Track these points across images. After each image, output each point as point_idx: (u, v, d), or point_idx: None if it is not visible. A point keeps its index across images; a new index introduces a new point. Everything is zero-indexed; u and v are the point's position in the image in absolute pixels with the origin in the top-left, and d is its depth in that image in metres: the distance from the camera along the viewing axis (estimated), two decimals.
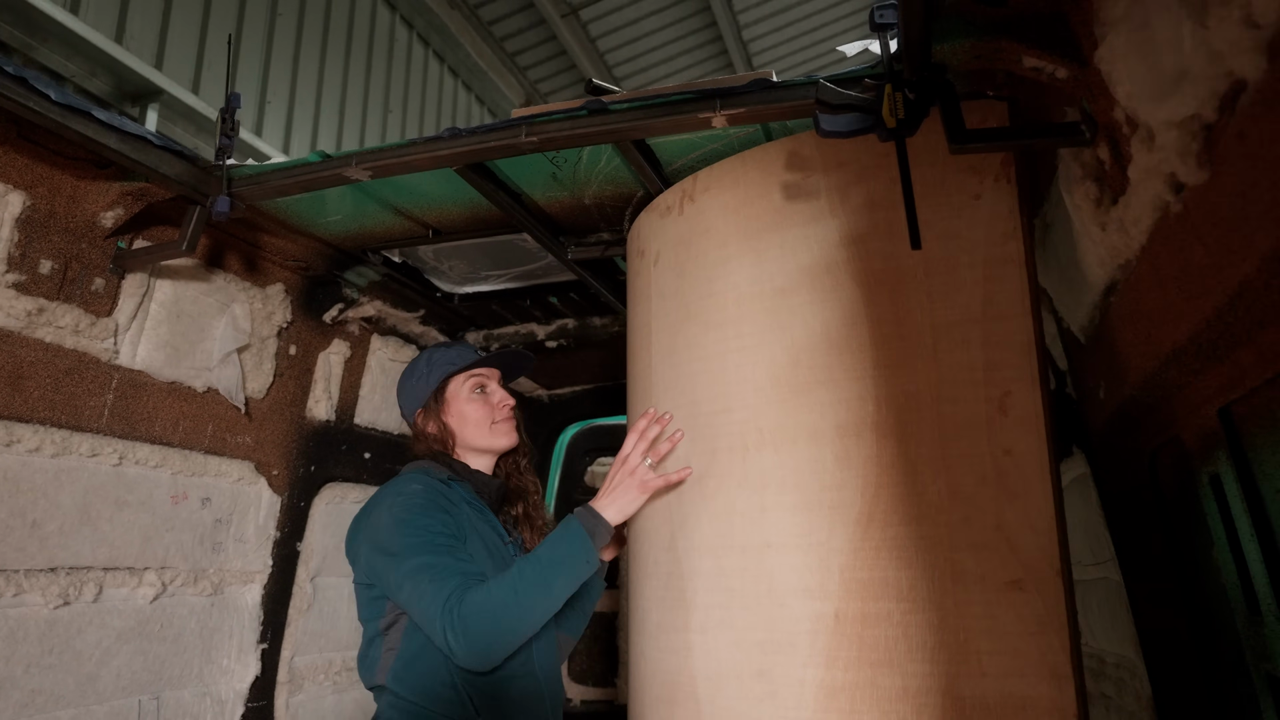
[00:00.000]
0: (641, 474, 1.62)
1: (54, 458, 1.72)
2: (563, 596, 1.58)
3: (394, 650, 1.64)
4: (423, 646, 1.61)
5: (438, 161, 1.61)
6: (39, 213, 1.64)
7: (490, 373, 1.98)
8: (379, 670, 1.65)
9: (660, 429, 1.64)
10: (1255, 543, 1.16)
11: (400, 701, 1.61)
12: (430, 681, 1.60)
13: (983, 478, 1.28)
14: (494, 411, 1.93)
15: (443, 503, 1.70)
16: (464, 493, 1.81)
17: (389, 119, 7.18)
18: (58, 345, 1.71)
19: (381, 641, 1.67)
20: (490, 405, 1.93)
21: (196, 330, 2.02)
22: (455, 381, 1.93)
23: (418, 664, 1.61)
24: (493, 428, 1.91)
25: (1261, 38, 0.70)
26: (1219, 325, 0.98)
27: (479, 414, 1.91)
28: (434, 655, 1.59)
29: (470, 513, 1.76)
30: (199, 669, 2.05)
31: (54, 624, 1.72)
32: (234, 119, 1.69)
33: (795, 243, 1.48)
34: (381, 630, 1.67)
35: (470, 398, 1.92)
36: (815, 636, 1.33)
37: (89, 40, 4.12)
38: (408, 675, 1.61)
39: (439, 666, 1.59)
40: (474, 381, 1.94)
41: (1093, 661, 2.15)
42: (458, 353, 1.96)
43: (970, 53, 1.21)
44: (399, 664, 1.62)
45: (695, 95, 1.42)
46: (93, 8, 4.35)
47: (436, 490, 1.73)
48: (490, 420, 1.91)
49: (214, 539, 2.10)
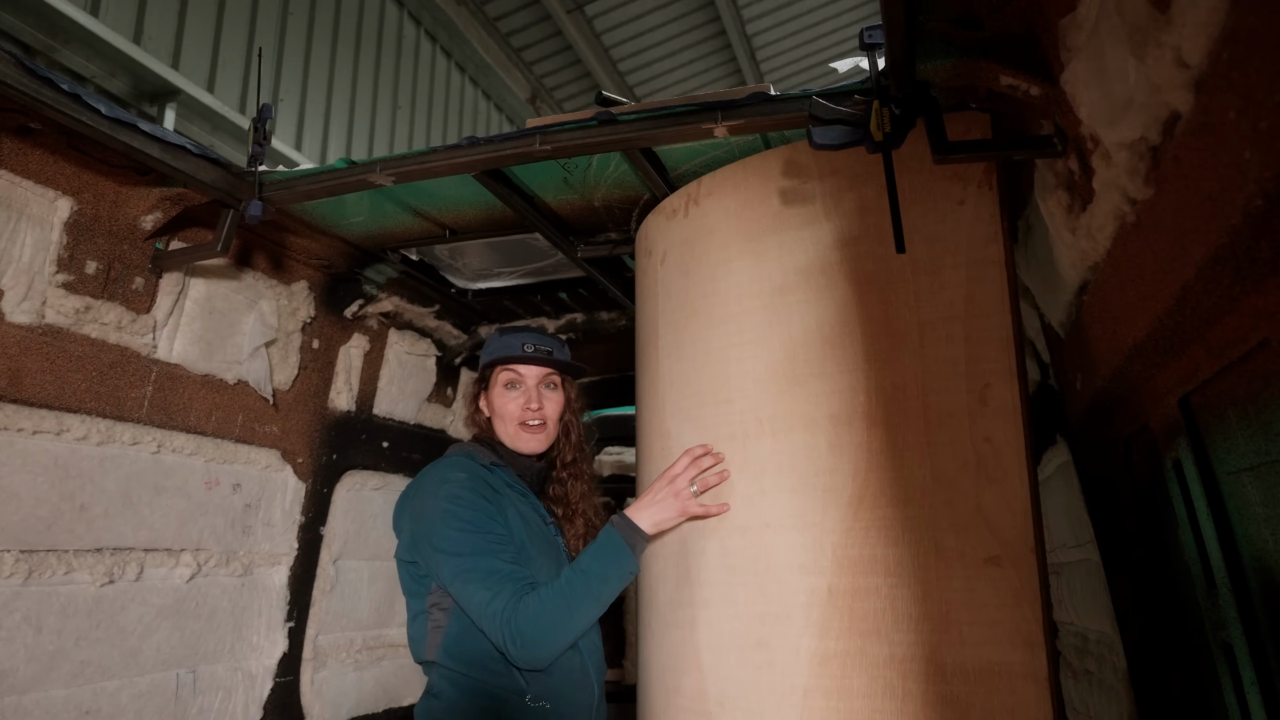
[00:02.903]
0: (685, 496, 1.66)
1: (99, 446, 1.84)
2: (608, 603, 1.69)
3: (441, 628, 1.74)
4: (470, 624, 1.70)
5: (457, 168, 1.72)
6: (85, 217, 1.76)
7: (530, 370, 1.93)
8: (428, 647, 1.75)
9: (714, 463, 1.66)
10: (1210, 522, 1.26)
11: (452, 674, 1.71)
12: (480, 655, 1.70)
13: (964, 463, 1.39)
14: (520, 413, 1.90)
15: (485, 490, 1.75)
16: (506, 477, 1.85)
17: (398, 115, 7.28)
18: (102, 340, 1.83)
19: (427, 619, 1.76)
20: (518, 405, 1.90)
21: (227, 326, 2.14)
22: (495, 371, 1.93)
23: (467, 639, 1.71)
24: (517, 429, 1.90)
25: (1190, 76, 0.80)
26: (1170, 324, 1.08)
27: (506, 410, 1.90)
28: (481, 632, 1.69)
29: (513, 496, 1.82)
30: (231, 645, 2.18)
31: (100, 601, 1.84)
32: (265, 128, 1.80)
33: (792, 244, 1.59)
34: (427, 608, 1.76)
35: (502, 392, 1.91)
36: (810, 609, 1.44)
37: (109, 41, 4.24)
38: (458, 650, 1.72)
39: (486, 641, 1.69)
40: (508, 375, 1.92)
41: (1076, 639, 2.26)
42: (507, 342, 1.94)
43: (951, 71, 1.32)
44: (448, 640, 1.72)
45: (698, 107, 1.53)
46: (112, 10, 4.47)
47: (479, 476, 1.78)
48: (516, 420, 1.90)
49: (244, 523, 2.22)
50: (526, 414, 1.90)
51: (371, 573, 2.71)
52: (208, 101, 4.89)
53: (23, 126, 1.59)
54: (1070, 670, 2.34)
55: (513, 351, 1.91)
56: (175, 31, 4.94)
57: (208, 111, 4.94)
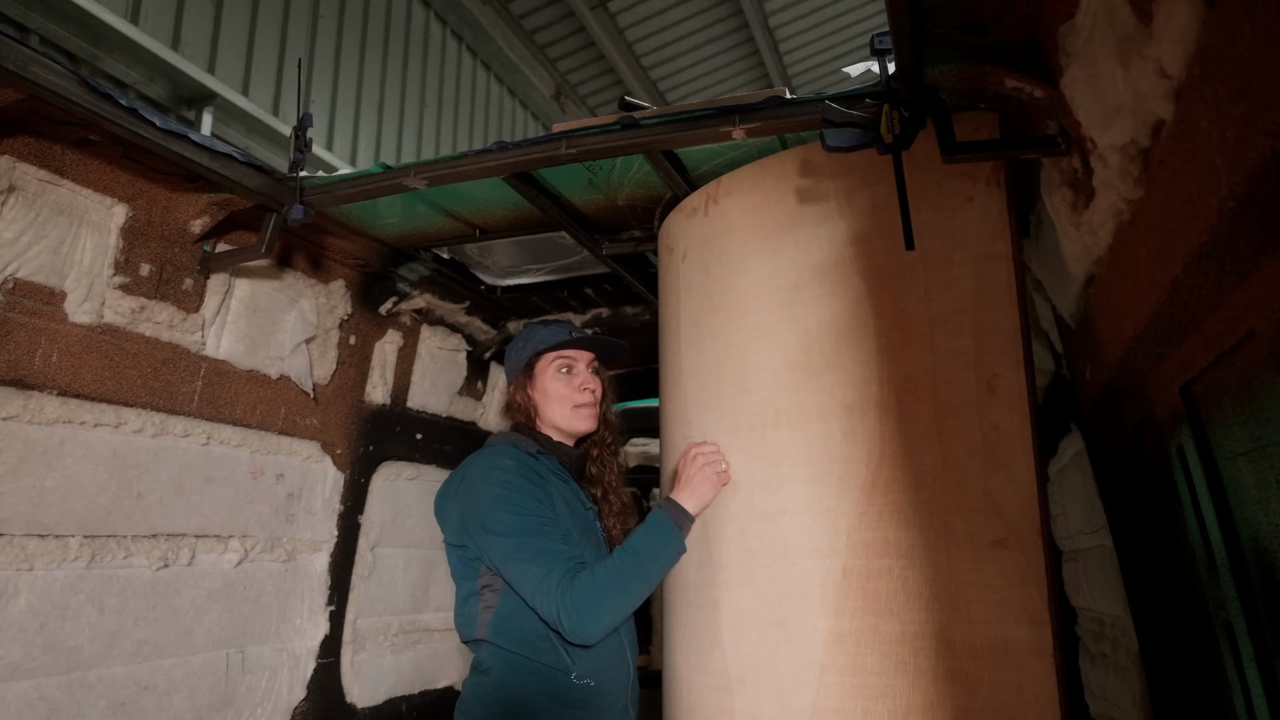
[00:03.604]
0: (717, 467, 1.75)
1: (153, 438, 1.95)
2: (657, 582, 1.78)
3: (491, 608, 1.83)
4: (520, 605, 1.79)
5: (486, 171, 1.80)
6: (139, 222, 1.87)
7: (579, 355, 2.05)
8: (478, 626, 1.84)
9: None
10: (1211, 505, 1.32)
11: (501, 652, 1.81)
12: (529, 634, 1.80)
13: (973, 450, 1.45)
14: (575, 394, 2.00)
15: (532, 476, 1.85)
16: (550, 464, 1.95)
17: (425, 113, 7.40)
18: (155, 338, 1.94)
19: (478, 600, 1.86)
20: (572, 387, 2.01)
21: (270, 323, 2.25)
22: (544, 359, 2.02)
23: (516, 619, 1.80)
24: (573, 410, 2.00)
25: (1171, 86, 0.86)
26: (1166, 316, 1.14)
27: (561, 393, 2.00)
28: (530, 612, 1.78)
29: (557, 482, 1.92)
30: (276, 627, 2.29)
31: (156, 583, 1.96)
32: (306, 136, 1.89)
33: (807, 242, 1.65)
34: (477, 589, 1.86)
35: (555, 376, 2.01)
36: (825, 590, 1.51)
37: (148, 49, 4.38)
38: (507, 629, 1.81)
39: (535, 621, 1.78)
40: (560, 361, 2.02)
41: (1093, 624, 2.31)
42: (551, 332, 2.04)
43: (958, 75, 1.38)
44: (498, 620, 1.82)
45: (717, 111, 1.60)
46: (150, 17, 4.61)
47: (526, 464, 1.87)
48: (572, 402, 2.00)
49: (287, 511, 2.33)
50: (583, 395, 2.01)
51: (406, 560, 2.82)
52: (243, 105, 5.03)
53: (83, 139, 1.70)
54: (1088, 654, 2.38)
55: (559, 338, 2.02)
56: (211, 37, 5.09)
57: (243, 115, 5.08)
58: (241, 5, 5.36)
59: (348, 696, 2.51)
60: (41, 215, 1.69)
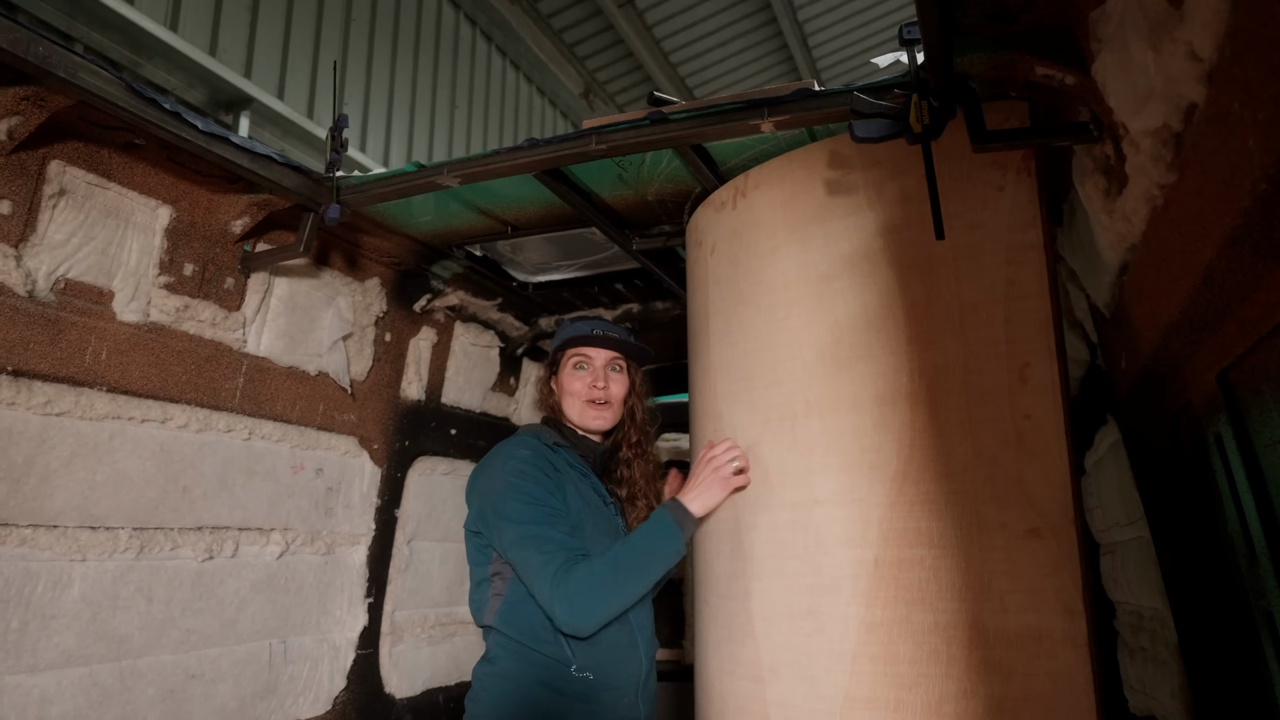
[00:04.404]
0: (725, 472, 1.77)
1: (198, 433, 2.01)
2: (655, 579, 1.82)
3: (500, 596, 1.88)
4: (526, 594, 1.84)
5: (518, 168, 1.83)
6: (182, 223, 1.92)
7: (597, 352, 2.08)
8: (487, 613, 1.90)
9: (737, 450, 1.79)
10: (1250, 493, 1.30)
11: (506, 640, 1.86)
12: (532, 624, 1.84)
13: (1005, 439, 1.45)
14: (587, 391, 2.04)
15: (547, 468, 1.90)
16: (568, 457, 1.99)
17: (456, 114, 7.48)
18: (199, 336, 2.00)
19: (488, 587, 1.91)
20: (585, 384, 2.04)
21: (308, 321, 2.30)
22: (566, 354, 2.08)
23: (522, 609, 1.85)
24: (583, 406, 2.04)
25: (1202, 69, 0.86)
26: (1201, 302, 1.13)
27: (574, 388, 2.05)
28: (534, 601, 1.83)
29: (574, 475, 1.96)
30: (317, 618, 2.34)
31: (201, 575, 2.01)
32: (342, 137, 1.93)
33: (837, 233, 1.66)
34: (489, 576, 1.92)
35: (571, 373, 2.06)
36: (857, 580, 1.52)
37: (187, 55, 4.48)
38: (513, 618, 1.86)
39: (539, 611, 1.82)
40: (578, 358, 2.07)
41: (1132, 617, 2.28)
42: (577, 327, 2.09)
43: (988, 64, 1.37)
44: (505, 608, 1.87)
45: (745, 104, 1.61)
46: (189, 24, 4.71)
47: (543, 455, 1.92)
48: (583, 398, 2.04)
49: (326, 505, 2.38)
50: (593, 392, 2.04)
51: (442, 553, 2.86)
52: (278, 108, 5.12)
53: (129, 143, 1.75)
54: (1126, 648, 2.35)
55: (581, 333, 2.06)
56: (247, 43, 5.19)
57: (278, 118, 5.17)
58: (276, 11, 5.45)
59: (386, 687, 2.56)
60: (90, 217, 1.75)
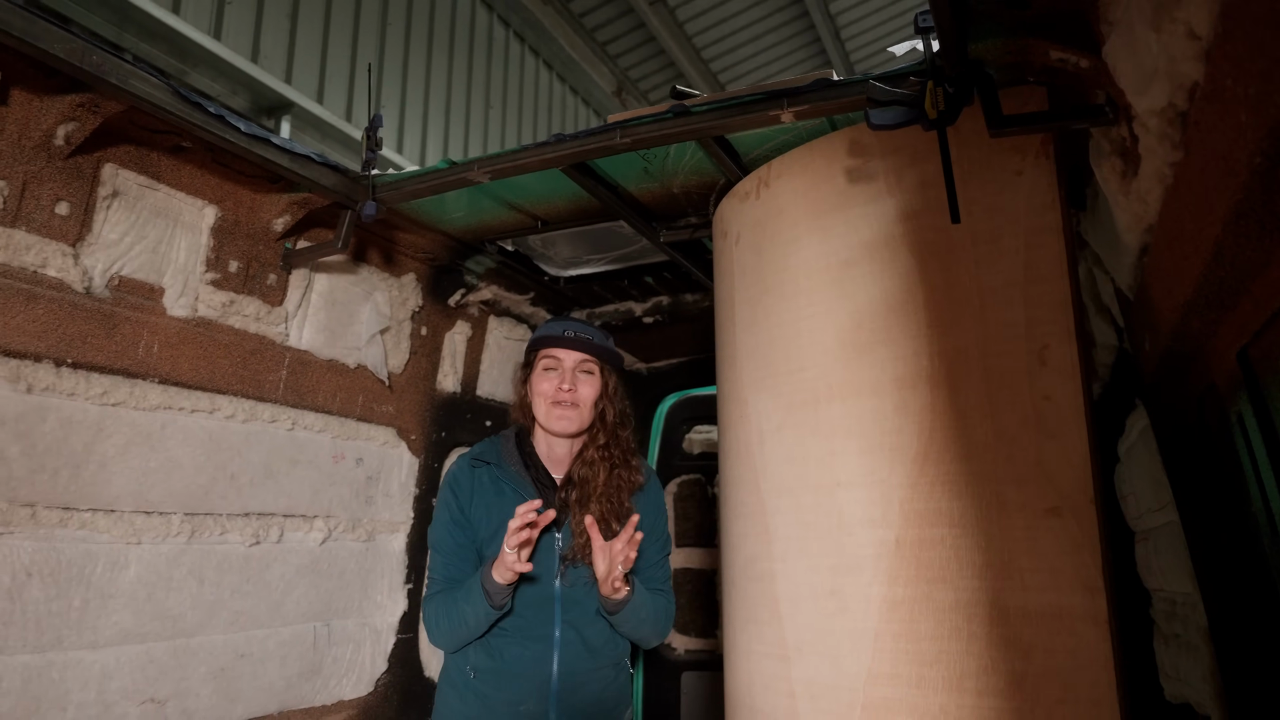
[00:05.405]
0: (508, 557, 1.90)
1: (244, 423, 2.09)
2: (474, 625, 2.03)
3: None
4: None
5: (546, 163, 1.88)
6: (227, 222, 2.01)
7: (567, 355, 2.14)
8: None
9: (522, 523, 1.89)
10: (1271, 471, 1.31)
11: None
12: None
13: (1024, 420, 1.47)
14: (554, 393, 2.11)
15: (461, 491, 2.13)
16: (493, 474, 2.14)
17: (490, 114, 7.58)
18: (244, 330, 2.09)
19: None
20: (552, 385, 2.11)
21: (347, 315, 2.38)
22: (538, 355, 2.16)
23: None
24: (549, 408, 2.12)
25: (1200, 47, 0.88)
26: (1214, 279, 1.14)
27: (541, 389, 2.14)
28: None
29: (489, 493, 2.13)
30: (359, 603, 2.42)
31: (249, 559, 2.10)
32: (377, 137, 2.00)
33: (857, 220, 1.68)
34: None
35: (541, 373, 2.15)
36: (879, 560, 1.55)
37: (231, 62, 4.63)
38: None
39: None
40: (548, 359, 2.14)
41: (1166, 604, 2.26)
42: (549, 329, 2.17)
43: (1002, 49, 1.39)
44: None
45: (765, 95, 1.64)
46: (232, 32, 4.86)
47: (461, 476, 2.15)
48: (550, 399, 2.11)
49: (366, 493, 2.46)
50: (559, 394, 2.12)
51: None
52: (317, 112, 5.26)
53: (176, 146, 1.84)
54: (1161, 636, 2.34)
55: (553, 334, 2.15)
56: (287, 49, 5.33)
57: (318, 121, 5.31)
58: (315, 17, 5.59)
59: (425, 671, 2.63)
60: (141, 217, 1.84)
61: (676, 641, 3.87)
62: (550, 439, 2.22)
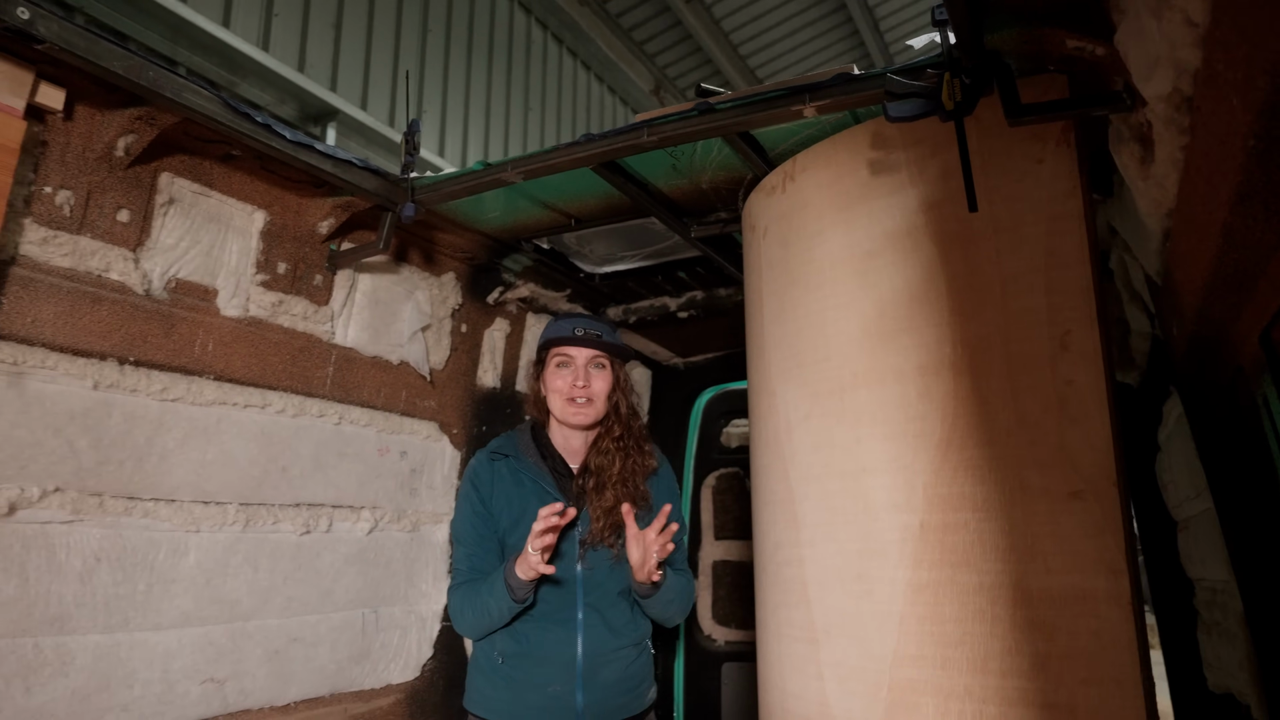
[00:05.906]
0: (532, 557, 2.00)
1: (294, 418, 2.19)
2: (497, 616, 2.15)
3: None
4: None
5: (576, 162, 1.94)
6: (275, 225, 2.11)
7: (579, 352, 2.22)
8: None
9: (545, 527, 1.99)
10: None
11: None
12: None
13: (1047, 405, 1.48)
14: (569, 389, 2.18)
15: (481, 483, 2.21)
16: (515, 465, 2.21)
17: (529, 117, 7.69)
18: (293, 329, 2.18)
19: None
20: (567, 382, 2.18)
21: (389, 314, 2.47)
22: (550, 353, 2.24)
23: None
24: (564, 404, 2.19)
25: (1197, 34, 0.90)
26: (1228, 262, 1.15)
27: (555, 386, 2.22)
28: None
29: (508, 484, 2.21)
30: (404, 591, 2.51)
31: (300, 548, 2.20)
32: (415, 140, 2.09)
33: (880, 211, 1.71)
34: None
35: (554, 371, 2.22)
36: (904, 544, 1.58)
37: (279, 73, 4.78)
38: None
39: None
40: (560, 356, 2.21)
41: (1207, 594, 2.25)
42: (560, 326, 2.24)
43: (1019, 39, 1.41)
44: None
45: (788, 91, 1.68)
46: (279, 44, 5.03)
47: (481, 470, 2.23)
48: (564, 396, 2.19)
49: (410, 485, 2.55)
50: (574, 390, 2.20)
51: None
52: (361, 118, 5.41)
53: (227, 154, 1.94)
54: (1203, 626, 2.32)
55: (564, 333, 2.21)
56: (332, 58, 5.49)
57: (362, 127, 5.46)
58: (358, 27, 5.74)
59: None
60: (195, 223, 1.95)
61: (717, 633, 3.91)
62: (566, 431, 2.32)
